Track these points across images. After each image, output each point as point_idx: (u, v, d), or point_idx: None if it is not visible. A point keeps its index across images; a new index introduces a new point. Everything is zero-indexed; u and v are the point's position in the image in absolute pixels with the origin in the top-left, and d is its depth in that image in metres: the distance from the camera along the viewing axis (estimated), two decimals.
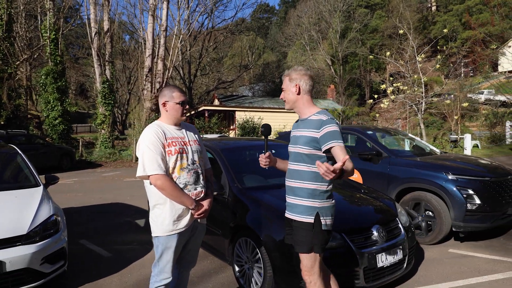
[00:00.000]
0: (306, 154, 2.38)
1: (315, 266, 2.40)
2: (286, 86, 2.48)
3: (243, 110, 23.15)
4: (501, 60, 27.30)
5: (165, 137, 2.47)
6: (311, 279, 2.42)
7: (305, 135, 2.40)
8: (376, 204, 3.89)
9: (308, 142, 2.37)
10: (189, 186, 2.51)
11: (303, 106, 2.47)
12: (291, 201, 2.48)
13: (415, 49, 15.37)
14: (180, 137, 2.57)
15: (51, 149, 14.26)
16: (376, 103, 19.43)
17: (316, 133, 2.33)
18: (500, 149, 17.50)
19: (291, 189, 2.47)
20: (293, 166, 2.48)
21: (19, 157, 4.72)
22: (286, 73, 2.52)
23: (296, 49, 41.90)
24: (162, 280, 2.54)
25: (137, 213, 6.86)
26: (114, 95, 20.06)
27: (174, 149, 2.47)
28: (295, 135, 2.51)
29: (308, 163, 2.39)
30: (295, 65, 39.62)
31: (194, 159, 2.58)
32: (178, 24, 23.93)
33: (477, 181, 4.73)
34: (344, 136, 6.79)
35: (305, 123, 2.44)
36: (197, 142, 2.68)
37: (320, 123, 2.34)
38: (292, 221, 2.45)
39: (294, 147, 2.47)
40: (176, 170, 2.48)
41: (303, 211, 2.39)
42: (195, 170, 2.56)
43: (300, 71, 2.47)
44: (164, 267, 2.53)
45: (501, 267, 4.06)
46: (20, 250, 3.22)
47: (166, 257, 2.52)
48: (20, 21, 21.81)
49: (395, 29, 28.82)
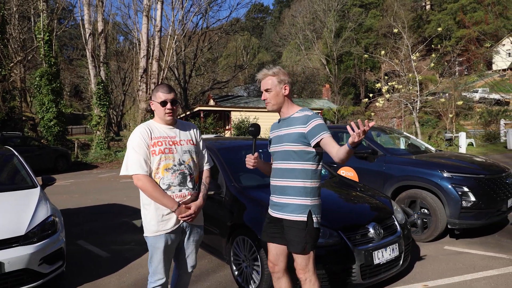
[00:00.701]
0: (295, 151, 2.38)
1: (309, 263, 2.42)
2: (273, 87, 2.43)
3: (238, 110, 23.14)
4: (495, 58, 27.55)
5: (151, 137, 2.44)
6: (306, 277, 2.44)
7: (291, 132, 2.41)
8: (372, 202, 3.93)
9: (296, 139, 2.38)
10: (172, 188, 2.44)
11: (287, 106, 2.49)
12: (280, 200, 2.45)
13: (410, 48, 15.46)
14: (170, 136, 2.50)
15: (47, 151, 14.21)
16: (371, 102, 19.52)
17: (304, 128, 2.36)
18: (494, 147, 17.65)
19: (281, 189, 2.45)
20: (281, 165, 2.46)
21: (15, 159, 4.71)
22: (270, 72, 2.44)
23: (291, 48, 42.02)
24: (157, 281, 2.51)
25: (134, 214, 6.86)
26: (109, 96, 20.01)
27: (158, 149, 2.42)
28: (278, 135, 2.51)
29: (298, 160, 2.39)
30: (289, 65, 39.48)
31: (183, 160, 2.50)
32: (172, 25, 23.87)
33: (472, 179, 4.78)
34: (340, 135, 6.83)
35: (288, 122, 2.47)
36: (191, 142, 2.59)
37: (307, 119, 2.37)
38: (282, 220, 2.44)
39: (280, 145, 2.47)
40: (160, 171, 2.43)
41: (294, 209, 2.38)
42: (182, 171, 2.47)
43: (285, 72, 2.46)
44: (156, 268, 2.49)
45: (496, 263, 4.11)
46: (18, 251, 3.22)
47: (156, 258, 2.48)
48: (13, 22, 21.70)
49: (389, 28, 28.97)
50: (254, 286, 3.39)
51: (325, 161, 5.62)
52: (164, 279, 2.52)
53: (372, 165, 5.45)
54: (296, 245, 2.38)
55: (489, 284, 3.60)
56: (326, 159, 6.25)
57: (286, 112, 2.50)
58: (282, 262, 2.55)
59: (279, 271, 2.56)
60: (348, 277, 3.16)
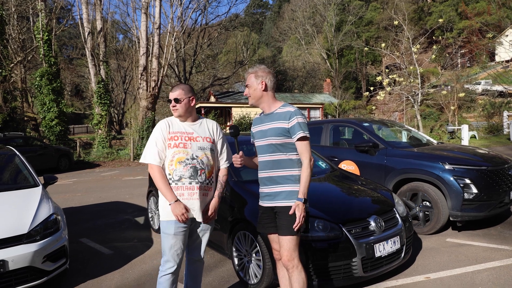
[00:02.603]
0: (280, 143, 2.54)
1: (296, 249, 2.52)
2: (252, 83, 2.62)
3: (239, 106, 23.15)
4: (498, 49, 27.35)
5: (169, 131, 2.68)
6: (293, 264, 2.52)
7: (275, 127, 2.55)
8: (373, 195, 3.92)
9: (280, 133, 2.53)
10: (183, 179, 2.61)
11: (268, 101, 2.63)
12: (271, 190, 2.58)
13: (411, 40, 15.39)
14: (188, 132, 2.70)
15: (49, 151, 14.26)
16: (372, 96, 19.48)
17: (286, 124, 2.52)
18: (497, 139, 17.57)
19: (270, 179, 2.59)
20: (268, 157, 2.60)
21: (17, 158, 4.73)
22: (251, 71, 2.66)
23: (291, 43, 41.87)
24: (167, 269, 2.63)
25: (136, 211, 6.89)
26: (109, 95, 20.03)
27: (173, 143, 2.65)
28: (261, 130, 2.64)
29: (284, 151, 2.55)
30: (290, 59, 39.36)
31: (196, 155, 2.65)
32: (171, 22, 23.81)
33: (474, 171, 4.76)
34: (341, 129, 6.81)
35: (271, 117, 2.60)
36: (208, 140, 2.75)
37: (289, 115, 2.52)
38: (274, 208, 2.57)
39: (265, 139, 2.60)
40: (174, 163, 2.63)
41: (286, 196, 2.52)
42: (193, 165, 2.63)
43: (265, 69, 2.63)
44: (167, 254, 2.62)
45: (499, 255, 4.10)
46: (22, 249, 3.25)
47: (166, 243, 2.63)
48: (12, 23, 21.69)
49: (390, 21, 28.81)
50: (255, 280, 3.40)
51: (326, 155, 5.63)
52: (175, 267, 2.64)
53: (373, 158, 5.44)
54: (285, 229, 2.49)
55: (491, 275, 3.60)
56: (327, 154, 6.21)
57: (268, 107, 2.64)
58: None
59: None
60: (350, 270, 3.17)
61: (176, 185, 2.62)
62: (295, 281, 2.53)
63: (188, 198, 2.62)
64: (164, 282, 2.63)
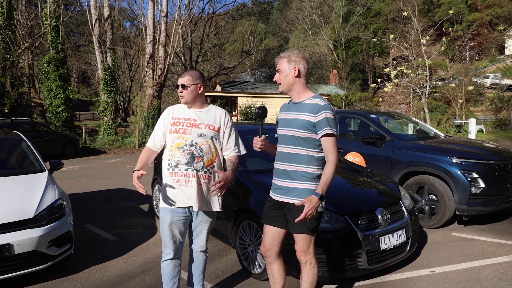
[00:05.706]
0: (302, 137, 2.38)
1: (310, 246, 2.46)
2: (284, 68, 2.43)
3: (245, 96, 23.03)
4: (508, 43, 26.92)
5: (172, 116, 2.70)
6: (307, 259, 2.47)
7: (300, 119, 2.38)
8: (379, 187, 3.89)
9: (304, 126, 2.36)
10: (180, 166, 2.59)
11: (299, 89, 2.45)
12: (285, 184, 2.45)
13: (420, 32, 15.15)
14: (190, 118, 2.67)
15: (55, 137, 14.32)
16: (379, 88, 19.30)
17: (313, 118, 2.34)
18: (505, 134, 17.36)
19: (285, 172, 2.44)
20: (287, 149, 2.45)
21: (24, 143, 4.74)
22: (284, 55, 2.46)
23: (298, 34, 41.44)
24: (166, 255, 2.69)
25: (141, 198, 6.91)
26: (116, 82, 20.00)
27: (174, 129, 2.66)
28: (286, 118, 2.48)
29: (304, 146, 2.38)
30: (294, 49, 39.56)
31: (196, 142, 2.60)
32: (178, 10, 23.58)
33: (482, 165, 4.71)
34: (347, 120, 6.76)
35: (298, 107, 2.43)
36: (212, 127, 2.66)
37: (318, 108, 2.34)
38: (285, 204, 2.45)
39: (287, 129, 2.44)
40: (173, 148, 2.63)
41: (300, 194, 2.38)
42: (191, 152, 2.59)
43: (299, 54, 2.44)
44: (164, 241, 2.67)
45: (505, 251, 4.07)
46: (27, 233, 3.27)
47: (163, 230, 2.65)
48: (20, 9, 21.63)
49: (398, 12, 28.39)
50: (259, 270, 3.40)
51: None
52: (171, 254, 2.66)
53: (380, 150, 5.39)
54: (299, 228, 2.39)
55: (497, 271, 3.57)
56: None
57: (298, 96, 2.46)
58: (275, 246, 2.54)
59: (271, 255, 2.56)
60: (354, 262, 3.15)
61: (173, 171, 2.59)
62: (305, 274, 2.48)
63: (184, 184, 2.57)
64: (165, 267, 2.70)
